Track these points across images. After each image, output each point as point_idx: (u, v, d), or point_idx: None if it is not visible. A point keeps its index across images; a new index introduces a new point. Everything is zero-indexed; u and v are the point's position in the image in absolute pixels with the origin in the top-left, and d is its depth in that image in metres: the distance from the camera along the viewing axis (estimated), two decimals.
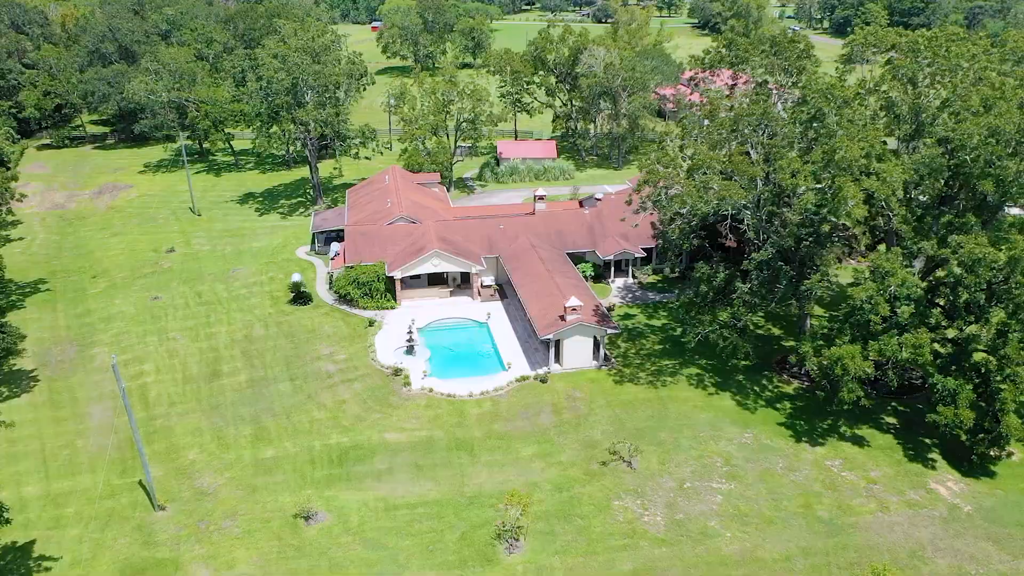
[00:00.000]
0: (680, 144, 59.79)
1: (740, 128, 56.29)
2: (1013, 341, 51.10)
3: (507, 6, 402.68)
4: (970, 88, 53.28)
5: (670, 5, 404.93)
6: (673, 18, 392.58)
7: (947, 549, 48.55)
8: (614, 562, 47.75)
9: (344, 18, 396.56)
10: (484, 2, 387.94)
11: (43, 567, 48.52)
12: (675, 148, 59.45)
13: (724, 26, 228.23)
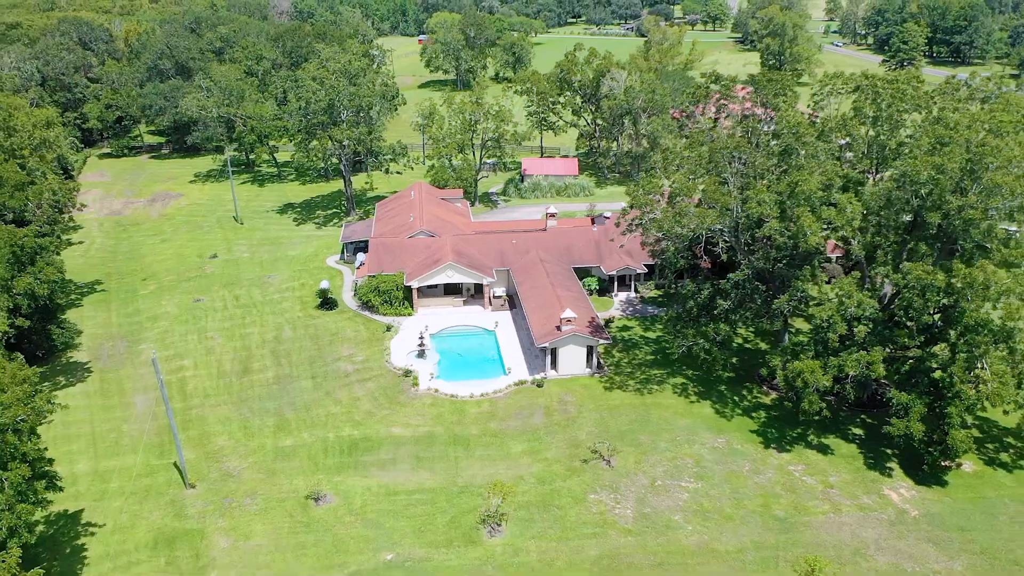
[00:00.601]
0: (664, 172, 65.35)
1: (715, 160, 61.68)
2: (960, 361, 55.64)
3: (551, 20, 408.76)
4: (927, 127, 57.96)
5: (715, 19, 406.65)
6: (717, 32, 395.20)
7: (889, 548, 53.28)
8: (583, 548, 53.56)
9: (394, 30, 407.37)
10: (528, 16, 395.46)
11: (89, 532, 56.21)
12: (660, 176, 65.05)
13: (759, 44, 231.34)
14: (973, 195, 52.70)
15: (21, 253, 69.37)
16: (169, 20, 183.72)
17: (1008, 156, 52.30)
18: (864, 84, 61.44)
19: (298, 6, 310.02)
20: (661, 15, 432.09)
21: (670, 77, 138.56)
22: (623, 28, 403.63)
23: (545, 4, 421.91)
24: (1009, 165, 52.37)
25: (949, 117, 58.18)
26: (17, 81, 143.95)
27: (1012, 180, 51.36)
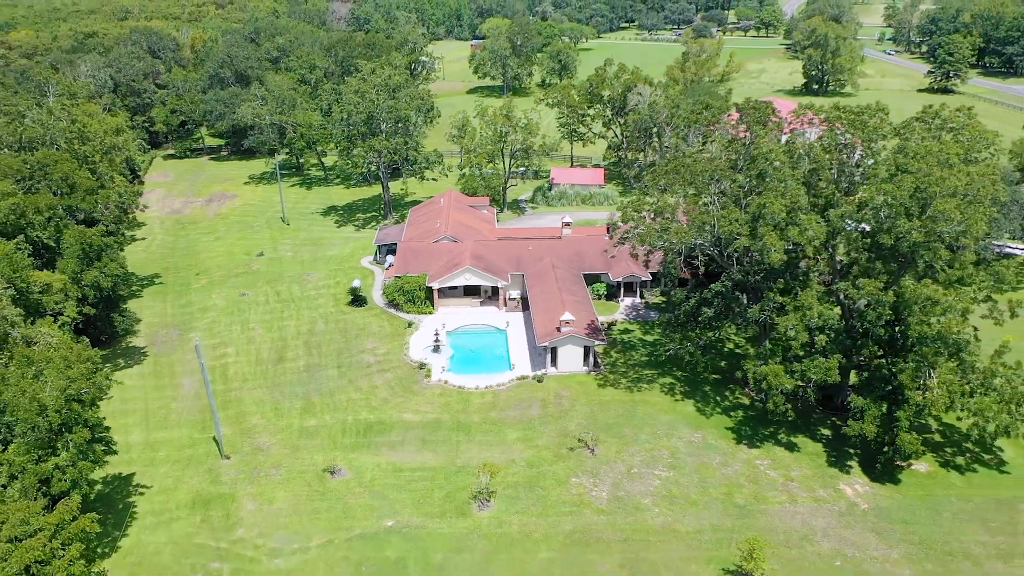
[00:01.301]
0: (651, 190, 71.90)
1: (695, 182, 67.99)
2: (908, 370, 61.17)
3: (603, 25, 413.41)
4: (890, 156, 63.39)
5: (768, 25, 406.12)
6: (769, 39, 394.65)
7: (835, 536, 59.23)
8: (559, 523, 60.77)
9: (448, 34, 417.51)
10: (580, 22, 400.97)
11: (138, 492, 65.62)
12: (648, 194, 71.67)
13: (802, 55, 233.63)
14: (918, 220, 58.16)
15: (89, 250, 79.48)
16: (230, 31, 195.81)
17: (952, 185, 57.65)
18: (832, 115, 67.00)
19: (355, 13, 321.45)
20: (714, 21, 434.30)
21: (696, 92, 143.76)
22: (674, 34, 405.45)
23: (598, 9, 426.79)
24: (954, 194, 57.69)
25: (911, 147, 63.59)
26: (92, 88, 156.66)
27: (953, 208, 56.71)
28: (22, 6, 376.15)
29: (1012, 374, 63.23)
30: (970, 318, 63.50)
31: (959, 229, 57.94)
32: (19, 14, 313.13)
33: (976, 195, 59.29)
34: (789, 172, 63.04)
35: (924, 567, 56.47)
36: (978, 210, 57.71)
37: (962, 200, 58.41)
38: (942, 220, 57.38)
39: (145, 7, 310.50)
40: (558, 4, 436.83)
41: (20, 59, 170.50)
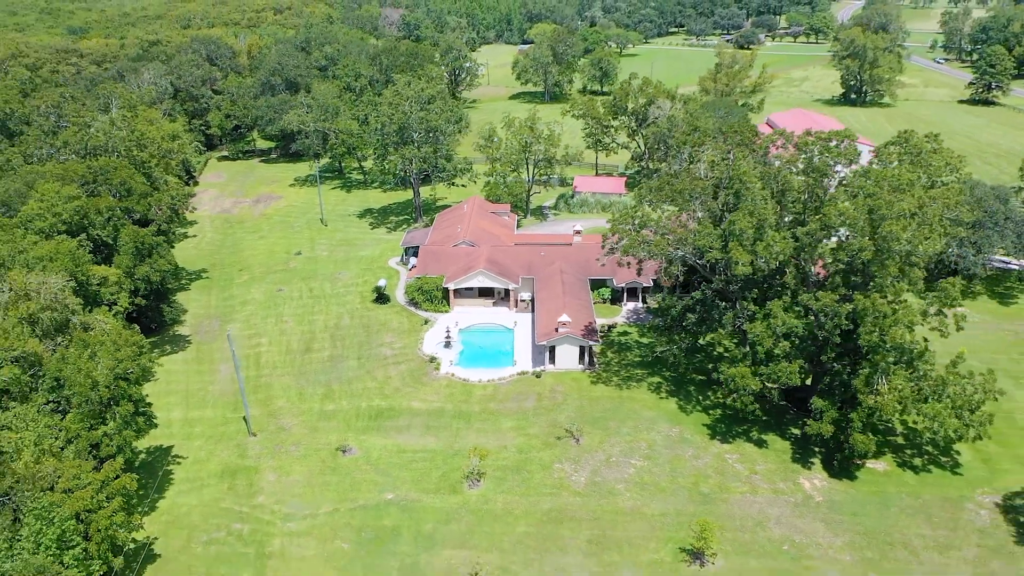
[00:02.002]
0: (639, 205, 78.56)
1: (676, 200, 74.47)
2: (862, 376, 66.89)
3: (651, 31, 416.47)
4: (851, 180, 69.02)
5: (818, 31, 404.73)
6: (819, 44, 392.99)
7: (786, 524, 65.38)
8: (539, 503, 68.12)
9: (499, 38, 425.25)
10: (628, 28, 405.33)
11: (176, 461, 75.06)
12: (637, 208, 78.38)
13: (839, 66, 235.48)
14: (868, 239, 63.87)
15: (142, 247, 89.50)
16: (282, 40, 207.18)
17: (901, 208, 63.23)
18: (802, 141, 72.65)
19: (406, 19, 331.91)
20: (763, 27, 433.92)
21: (717, 106, 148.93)
22: (723, 39, 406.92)
23: (647, 15, 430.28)
24: (903, 217, 63.26)
25: (873, 171, 69.20)
26: (154, 94, 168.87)
27: (900, 229, 62.31)
28: (95, 10, 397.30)
29: (965, 383, 68.42)
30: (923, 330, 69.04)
31: (907, 248, 63.41)
32: (92, 18, 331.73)
33: (926, 218, 64.69)
34: (759, 192, 69.12)
35: (864, 554, 62.32)
36: (923, 231, 63.08)
37: (910, 222, 63.88)
38: (891, 240, 62.99)
39: (208, 13, 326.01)
40: (608, 9, 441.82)
41: (90, 66, 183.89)
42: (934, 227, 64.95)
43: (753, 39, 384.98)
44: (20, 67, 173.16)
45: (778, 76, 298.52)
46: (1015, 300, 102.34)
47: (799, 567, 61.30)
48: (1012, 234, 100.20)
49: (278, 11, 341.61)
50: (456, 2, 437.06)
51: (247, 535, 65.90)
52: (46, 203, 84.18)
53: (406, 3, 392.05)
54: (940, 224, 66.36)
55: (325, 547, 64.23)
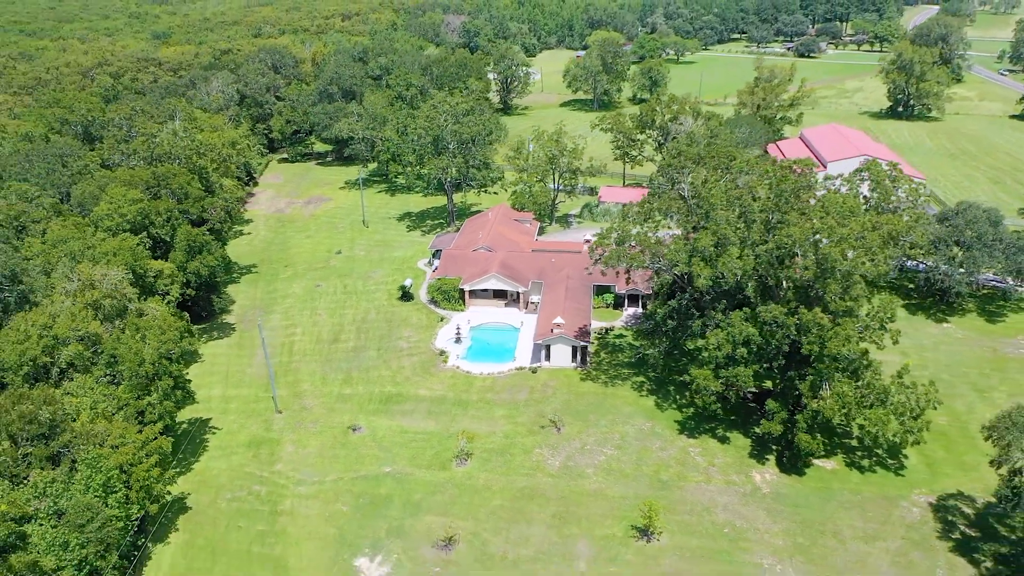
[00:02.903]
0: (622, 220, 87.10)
1: (651, 217, 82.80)
2: (806, 382, 74.32)
3: (711, 38, 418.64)
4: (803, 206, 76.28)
5: (883, 40, 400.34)
6: (883, 53, 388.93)
7: (732, 510, 73.36)
8: (515, 481, 77.61)
9: (560, 43, 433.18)
10: (688, 35, 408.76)
11: (211, 431, 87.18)
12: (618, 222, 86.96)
13: (886, 80, 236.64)
14: (809, 259, 71.28)
15: (194, 245, 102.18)
16: (341, 51, 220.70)
17: (840, 234, 70.46)
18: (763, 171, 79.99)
19: (466, 26, 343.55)
20: (827, 35, 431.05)
21: (740, 123, 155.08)
22: (784, 47, 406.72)
23: (708, 22, 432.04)
24: (842, 241, 70.47)
25: (827, 198, 76.41)
26: (221, 101, 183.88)
27: (838, 252, 69.61)
28: (179, 14, 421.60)
29: (909, 392, 75.12)
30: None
31: (847, 269, 70.59)
32: (175, 23, 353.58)
33: (867, 242, 71.73)
34: (723, 213, 77.09)
35: (796, 540, 69.97)
36: (861, 255, 70.14)
37: (853, 244, 71.00)
38: (832, 261, 70.33)
39: (280, 19, 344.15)
40: (670, 15, 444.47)
41: (166, 75, 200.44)
42: (875, 251, 71.82)
43: (813, 47, 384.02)
44: (105, 75, 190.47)
45: (832, 87, 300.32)
46: (1003, 319, 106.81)
47: (734, 547, 69.36)
48: (1002, 255, 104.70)
49: (346, 17, 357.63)
50: (519, 8, 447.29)
51: (264, 495, 77.31)
52: (114, 205, 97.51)
53: (468, 10, 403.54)
54: (882, 248, 73.15)
55: (327, 508, 75.14)
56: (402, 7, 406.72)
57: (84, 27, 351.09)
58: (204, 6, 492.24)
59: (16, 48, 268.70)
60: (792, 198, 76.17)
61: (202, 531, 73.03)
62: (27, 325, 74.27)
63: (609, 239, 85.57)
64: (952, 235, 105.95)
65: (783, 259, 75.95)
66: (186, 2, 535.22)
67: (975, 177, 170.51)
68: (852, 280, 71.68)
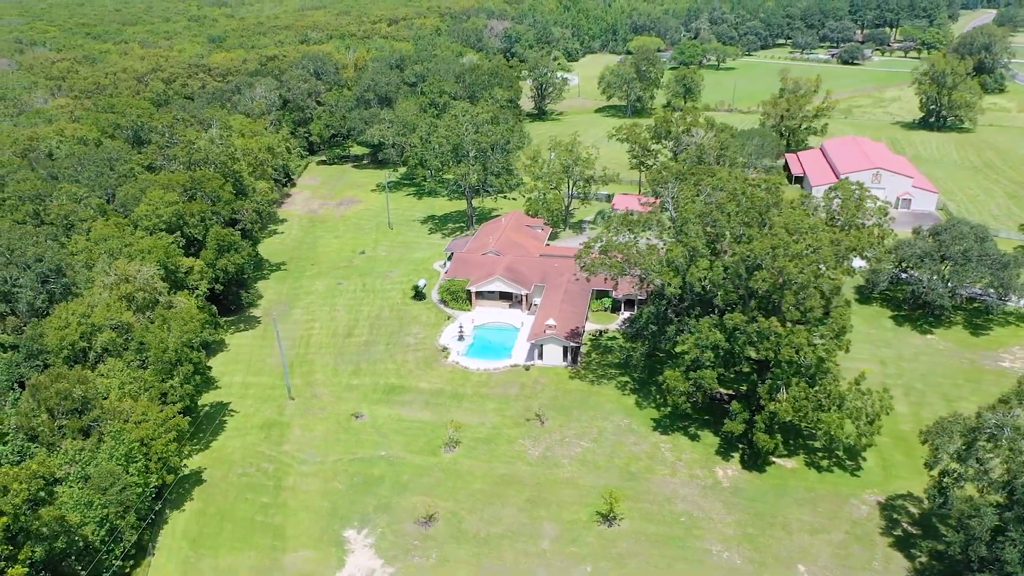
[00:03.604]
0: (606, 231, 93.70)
1: (632, 229, 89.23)
2: (765, 385, 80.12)
3: (754, 44, 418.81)
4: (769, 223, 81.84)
5: (930, 47, 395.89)
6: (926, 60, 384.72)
7: (691, 501, 79.59)
8: (496, 468, 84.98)
9: (603, 48, 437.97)
10: (731, 40, 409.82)
11: (229, 414, 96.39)
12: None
13: (918, 91, 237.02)
14: (766, 272, 77.01)
15: (223, 244, 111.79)
16: (378, 59, 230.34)
17: (795, 250, 76.10)
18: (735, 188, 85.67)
19: (508, 32, 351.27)
20: (874, 41, 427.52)
21: (752, 135, 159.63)
22: (827, 54, 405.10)
23: (752, 27, 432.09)
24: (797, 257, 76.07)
25: (786, 216, 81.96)
26: (263, 106, 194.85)
27: (792, 266, 75.23)
28: (236, 18, 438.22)
29: (864, 398, 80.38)
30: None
31: (799, 281, 76.17)
32: (231, 27, 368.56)
33: (821, 257, 77.22)
34: (693, 227, 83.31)
35: (746, 530, 75.96)
36: (813, 269, 75.68)
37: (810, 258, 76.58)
38: (785, 274, 76.05)
39: (330, 24, 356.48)
40: (714, 20, 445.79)
41: (214, 81, 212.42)
42: (830, 265, 77.29)
43: (857, 54, 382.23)
44: (158, 80, 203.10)
45: (870, 95, 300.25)
46: (987, 332, 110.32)
47: (688, 534, 75.69)
48: (988, 270, 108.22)
49: (392, 22, 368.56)
50: (564, 13, 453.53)
51: (271, 472, 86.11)
52: (152, 206, 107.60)
53: (513, 15, 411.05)
54: (839, 262, 78.56)
55: (325, 485, 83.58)
56: (448, 12, 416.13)
57: (146, 30, 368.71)
58: (260, 9, 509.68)
59: (81, 51, 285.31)
60: (757, 215, 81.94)
61: (214, 501, 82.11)
62: (68, 314, 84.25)
63: (593, 248, 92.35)
64: (939, 250, 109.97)
65: (749, 271, 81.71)
66: (244, 4, 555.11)
67: (992, 191, 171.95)
68: (807, 292, 77.20)
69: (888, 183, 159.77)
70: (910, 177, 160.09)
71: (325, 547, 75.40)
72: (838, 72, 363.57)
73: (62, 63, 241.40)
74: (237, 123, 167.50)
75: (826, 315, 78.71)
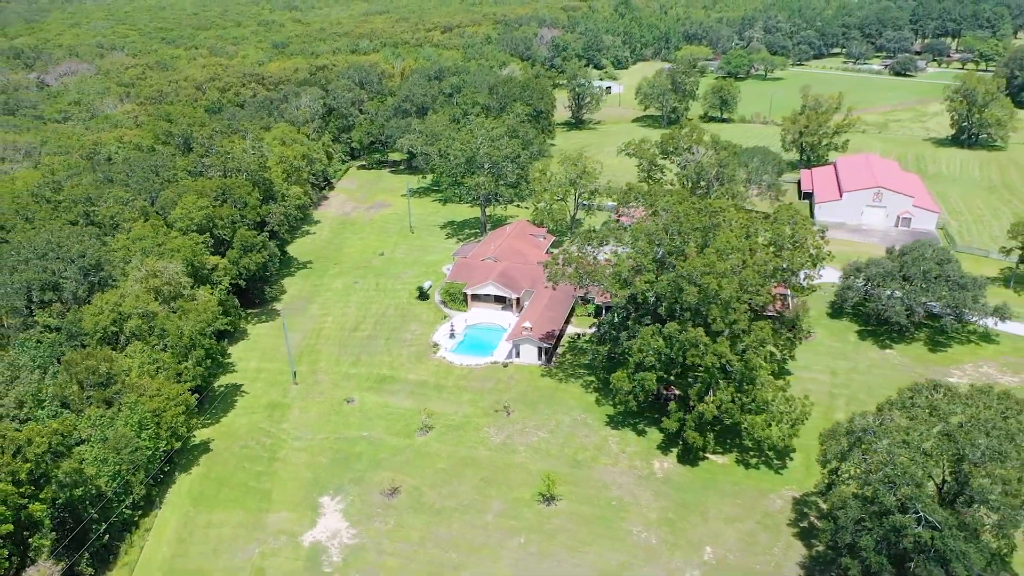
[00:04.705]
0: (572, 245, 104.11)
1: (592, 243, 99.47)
2: (695, 388, 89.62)
3: (806, 53, 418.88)
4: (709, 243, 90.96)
5: (987, 59, 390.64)
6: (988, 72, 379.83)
7: (624, 488, 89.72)
8: (459, 450, 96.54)
9: (655, 55, 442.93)
10: (783, 51, 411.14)
11: (240, 394, 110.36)
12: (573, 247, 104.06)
13: (949, 108, 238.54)
14: (695, 287, 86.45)
15: (247, 244, 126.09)
16: (417, 70, 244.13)
17: (720, 269, 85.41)
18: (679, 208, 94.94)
19: (555, 41, 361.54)
20: (931, 52, 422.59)
21: (753, 154, 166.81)
22: (881, 65, 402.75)
23: (806, 36, 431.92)
24: (721, 275, 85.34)
25: (717, 238, 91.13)
26: (307, 114, 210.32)
27: (715, 283, 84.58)
28: (303, 22, 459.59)
29: (788, 404, 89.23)
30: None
31: (724, 296, 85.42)
32: (295, 33, 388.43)
33: (743, 276, 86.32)
34: (644, 246, 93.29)
35: (667, 515, 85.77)
36: (733, 286, 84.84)
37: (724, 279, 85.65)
38: (710, 290, 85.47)
39: (385, 31, 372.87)
40: (769, 29, 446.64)
41: (264, 90, 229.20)
42: (756, 283, 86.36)
43: (910, 66, 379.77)
44: (214, 89, 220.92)
45: (913, 109, 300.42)
46: (945, 349, 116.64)
47: (615, 516, 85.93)
48: (947, 291, 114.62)
49: (446, 30, 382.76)
50: (619, 19, 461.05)
51: (268, 446, 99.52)
52: (185, 210, 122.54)
53: (564, 23, 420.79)
54: (764, 282, 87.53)
55: (311, 459, 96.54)
56: (503, 19, 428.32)
57: (216, 35, 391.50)
58: (328, 13, 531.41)
59: (154, 57, 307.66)
60: (695, 234, 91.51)
61: (216, 468, 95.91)
62: (103, 302, 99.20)
63: (559, 259, 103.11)
64: (900, 270, 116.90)
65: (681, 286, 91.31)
66: (314, 8, 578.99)
67: (1001, 211, 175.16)
68: (731, 306, 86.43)
69: (889, 201, 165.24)
70: (911, 196, 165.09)
71: (302, 510, 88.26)
72: (888, 84, 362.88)
73: (134, 69, 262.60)
74: (280, 131, 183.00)
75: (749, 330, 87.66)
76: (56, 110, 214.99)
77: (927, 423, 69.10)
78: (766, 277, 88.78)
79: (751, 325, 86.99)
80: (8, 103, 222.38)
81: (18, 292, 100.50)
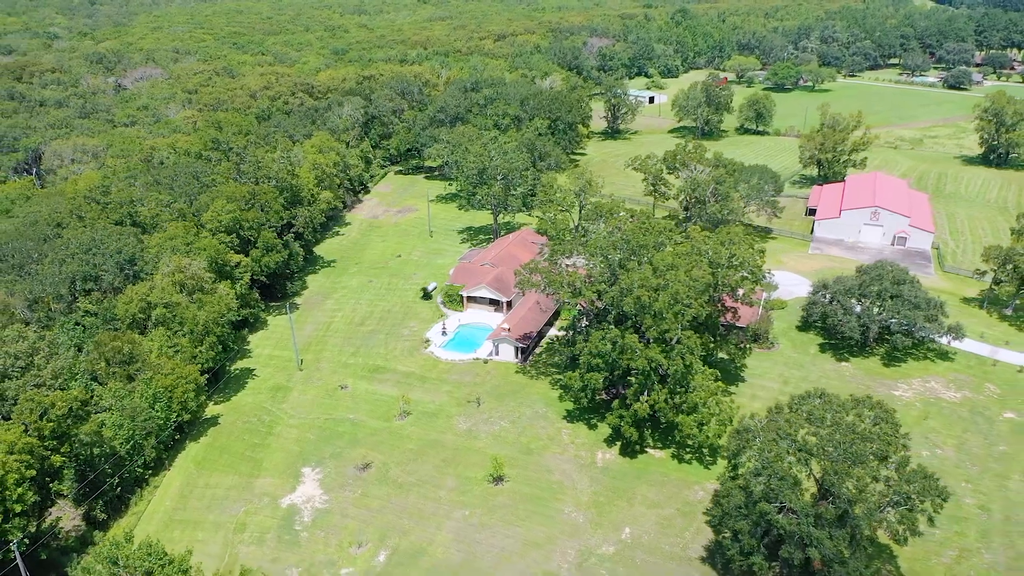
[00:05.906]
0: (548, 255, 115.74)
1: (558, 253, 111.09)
2: (632, 388, 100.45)
3: (860, 64, 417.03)
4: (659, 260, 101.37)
5: None
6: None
7: (565, 474, 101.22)
8: (430, 433, 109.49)
9: (708, 64, 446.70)
10: (837, 62, 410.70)
11: (252, 377, 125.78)
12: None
13: (977, 127, 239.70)
14: (631, 298, 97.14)
15: (269, 245, 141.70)
16: (454, 82, 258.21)
17: (653, 283, 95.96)
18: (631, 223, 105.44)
19: (602, 51, 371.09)
20: (994, 64, 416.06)
21: (752, 172, 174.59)
22: (936, 77, 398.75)
23: (862, 47, 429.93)
24: (653, 289, 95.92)
25: (656, 255, 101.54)
26: (348, 123, 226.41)
27: (647, 296, 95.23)
28: (368, 27, 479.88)
29: (718, 407, 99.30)
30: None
31: (656, 307, 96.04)
32: (355, 40, 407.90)
33: (676, 291, 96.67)
34: (595, 259, 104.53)
35: (598, 499, 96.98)
36: (666, 299, 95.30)
37: (656, 292, 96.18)
38: (643, 301, 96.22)
39: (441, 39, 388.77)
40: (825, 39, 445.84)
41: (311, 99, 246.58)
42: (689, 297, 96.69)
43: (964, 79, 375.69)
44: (265, 97, 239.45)
45: (953, 125, 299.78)
46: (899, 364, 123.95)
47: (551, 496, 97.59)
48: (904, 309, 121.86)
49: (499, 38, 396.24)
50: (675, 27, 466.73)
51: (267, 423, 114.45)
52: (215, 213, 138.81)
53: (615, 31, 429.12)
54: (697, 297, 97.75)
55: (300, 435, 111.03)
56: (557, 26, 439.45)
57: (283, 40, 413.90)
58: (393, 18, 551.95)
59: (223, 62, 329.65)
60: (641, 251, 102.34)
61: (220, 438, 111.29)
62: (133, 293, 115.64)
63: (527, 269, 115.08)
64: (859, 288, 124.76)
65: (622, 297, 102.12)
66: (381, 12, 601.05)
67: (1003, 232, 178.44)
68: (663, 317, 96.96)
69: (886, 221, 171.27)
70: (907, 216, 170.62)
71: (285, 477, 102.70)
72: (939, 97, 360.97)
73: (201, 75, 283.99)
74: (319, 139, 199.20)
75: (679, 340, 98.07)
76: (126, 114, 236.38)
77: (800, 426, 78.72)
78: (699, 292, 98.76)
79: (682, 334, 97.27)
80: (85, 107, 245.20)
81: (64, 282, 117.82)
